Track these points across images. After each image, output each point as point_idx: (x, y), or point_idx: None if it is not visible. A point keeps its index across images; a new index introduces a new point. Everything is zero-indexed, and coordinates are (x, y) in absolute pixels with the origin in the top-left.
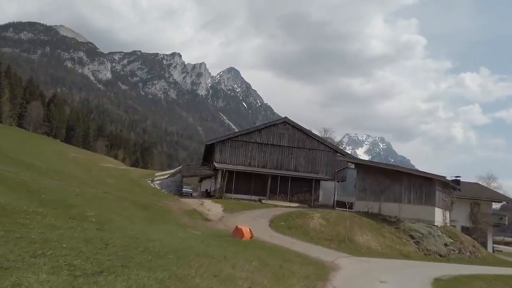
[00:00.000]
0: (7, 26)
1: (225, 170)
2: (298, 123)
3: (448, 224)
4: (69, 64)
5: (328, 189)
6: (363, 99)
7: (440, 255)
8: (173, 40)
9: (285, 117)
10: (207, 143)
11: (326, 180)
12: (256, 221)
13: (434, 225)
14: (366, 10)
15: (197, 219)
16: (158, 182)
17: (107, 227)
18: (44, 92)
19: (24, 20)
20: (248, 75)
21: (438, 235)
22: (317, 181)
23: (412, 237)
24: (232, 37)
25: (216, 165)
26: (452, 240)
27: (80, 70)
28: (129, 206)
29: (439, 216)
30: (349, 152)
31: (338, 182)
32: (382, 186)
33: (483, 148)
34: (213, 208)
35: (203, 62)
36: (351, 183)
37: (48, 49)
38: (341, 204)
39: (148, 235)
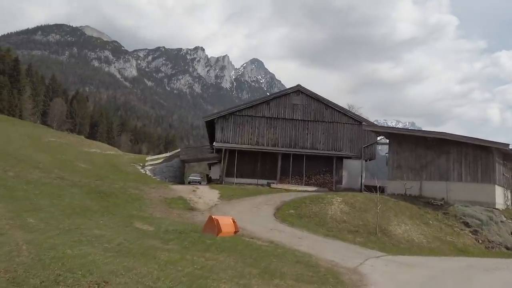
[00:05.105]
0: (36, 30)
1: (226, 150)
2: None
3: (511, 207)
4: (96, 63)
5: (353, 169)
6: (392, 84)
7: (507, 248)
8: (196, 35)
9: (298, 85)
10: (206, 120)
11: (351, 158)
12: (258, 209)
13: (495, 209)
14: None
15: (176, 208)
16: (149, 167)
17: None
18: (69, 90)
19: (51, 23)
20: (272, 66)
21: (501, 221)
22: (339, 159)
23: (467, 224)
24: (256, 29)
25: (214, 145)
26: None
27: (106, 69)
28: (76, 194)
29: (500, 196)
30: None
31: (366, 160)
32: (423, 161)
33: None
34: (206, 195)
35: (226, 55)
36: (381, 164)
37: (75, 49)
38: (370, 189)
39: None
